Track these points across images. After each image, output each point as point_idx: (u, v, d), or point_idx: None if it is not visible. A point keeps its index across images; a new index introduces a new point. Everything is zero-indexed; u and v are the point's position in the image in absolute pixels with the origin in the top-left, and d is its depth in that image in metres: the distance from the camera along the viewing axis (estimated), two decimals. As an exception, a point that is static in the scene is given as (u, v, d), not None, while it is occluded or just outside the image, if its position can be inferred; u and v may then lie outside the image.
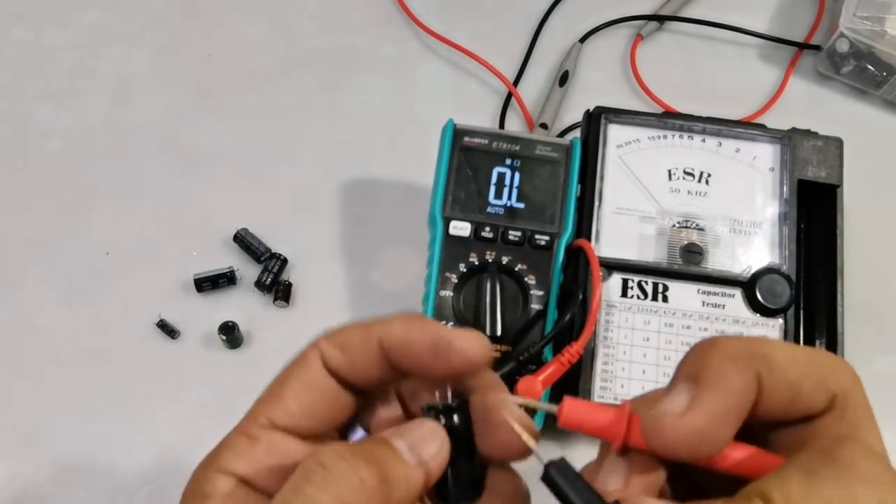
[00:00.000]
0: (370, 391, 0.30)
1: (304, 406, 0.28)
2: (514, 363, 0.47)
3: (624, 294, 0.50)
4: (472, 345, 0.27)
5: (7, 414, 0.54)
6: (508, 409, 0.27)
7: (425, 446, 0.26)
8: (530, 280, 0.50)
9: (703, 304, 0.50)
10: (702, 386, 0.24)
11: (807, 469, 0.22)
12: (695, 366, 0.24)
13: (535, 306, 0.49)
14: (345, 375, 0.29)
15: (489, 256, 0.50)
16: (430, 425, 0.27)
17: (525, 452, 0.26)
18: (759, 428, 0.25)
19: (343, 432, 0.30)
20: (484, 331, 0.48)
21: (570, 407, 0.26)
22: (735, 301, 0.50)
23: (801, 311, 0.52)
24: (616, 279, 0.51)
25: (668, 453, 0.24)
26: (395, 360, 0.28)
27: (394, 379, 0.29)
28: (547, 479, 0.25)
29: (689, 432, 0.23)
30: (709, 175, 0.53)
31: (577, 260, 0.50)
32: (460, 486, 0.27)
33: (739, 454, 0.24)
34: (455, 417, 0.28)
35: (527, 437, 0.26)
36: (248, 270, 0.57)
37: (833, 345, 0.50)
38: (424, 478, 0.26)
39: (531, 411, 0.27)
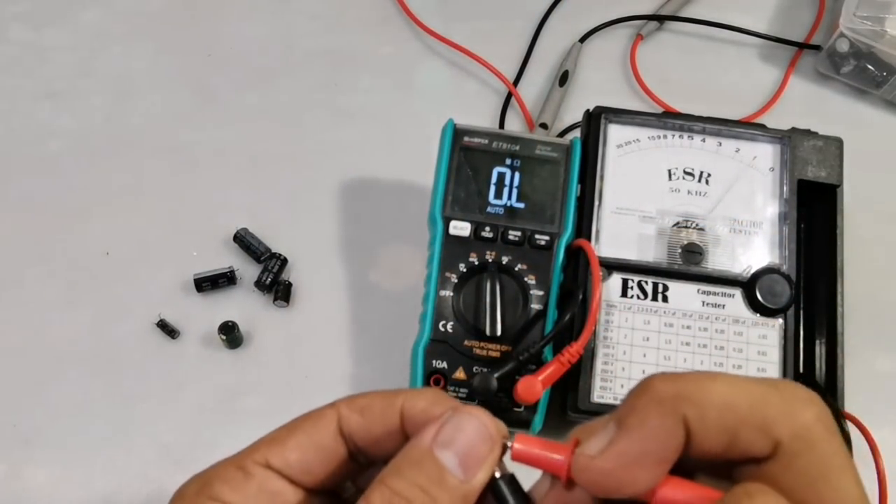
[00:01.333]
0: (375, 462, 0.29)
1: (305, 461, 0.28)
2: (514, 363, 0.47)
3: (624, 294, 0.50)
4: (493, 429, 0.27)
5: (7, 414, 0.54)
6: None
7: (475, 452, 0.26)
8: (530, 280, 0.50)
9: (703, 304, 0.50)
10: (621, 429, 0.24)
11: None
12: (624, 406, 0.24)
13: (535, 306, 0.49)
14: (359, 441, 0.28)
15: (489, 256, 0.50)
16: (473, 422, 0.26)
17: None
18: (707, 463, 0.24)
19: (335, 489, 0.30)
20: (484, 331, 0.48)
21: (521, 442, 0.26)
22: (735, 301, 0.50)
23: (801, 311, 0.52)
24: (616, 279, 0.51)
25: (591, 491, 0.24)
26: (412, 432, 0.28)
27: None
28: (494, 489, 0.26)
29: (599, 474, 0.23)
30: (709, 175, 0.53)
31: (577, 260, 0.50)
32: None
33: (673, 492, 0.24)
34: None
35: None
36: (248, 270, 0.57)
37: (833, 345, 0.50)
38: (478, 488, 0.26)
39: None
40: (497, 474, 0.26)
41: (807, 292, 0.52)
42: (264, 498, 0.27)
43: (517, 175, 0.52)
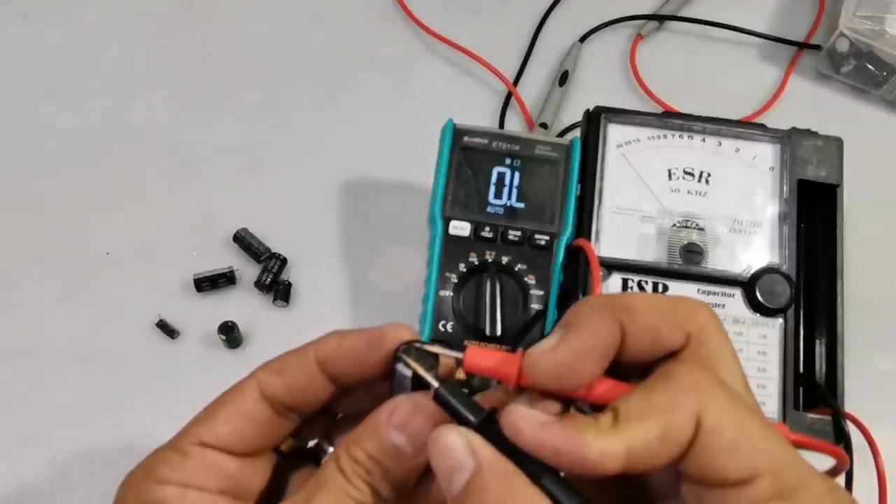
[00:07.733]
0: (308, 414, 0.32)
1: (234, 431, 0.30)
2: (513, 363, 0.47)
3: (624, 294, 0.50)
4: (402, 329, 0.30)
5: (7, 414, 0.54)
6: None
7: (424, 435, 0.28)
8: (530, 280, 0.50)
9: (703, 304, 0.50)
10: (569, 329, 0.27)
11: (646, 386, 0.26)
12: (568, 316, 0.28)
13: (535, 306, 0.49)
14: (284, 399, 0.30)
15: (489, 256, 0.50)
16: (424, 410, 0.28)
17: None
18: (637, 369, 0.28)
19: (280, 448, 0.32)
20: (484, 331, 0.48)
21: (473, 353, 0.29)
22: (735, 301, 0.50)
23: (801, 311, 0.52)
24: (616, 279, 0.51)
25: (542, 385, 0.27)
26: (333, 370, 0.30)
27: (332, 398, 0.31)
28: (438, 398, 0.28)
29: (553, 365, 0.27)
30: (709, 175, 0.53)
31: (577, 260, 0.50)
32: None
33: (605, 387, 0.28)
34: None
35: (427, 376, 0.29)
36: (248, 270, 0.57)
37: (833, 345, 0.50)
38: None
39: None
40: (435, 384, 0.28)
41: (807, 292, 0.52)
42: (206, 473, 0.30)
43: (517, 175, 0.52)
